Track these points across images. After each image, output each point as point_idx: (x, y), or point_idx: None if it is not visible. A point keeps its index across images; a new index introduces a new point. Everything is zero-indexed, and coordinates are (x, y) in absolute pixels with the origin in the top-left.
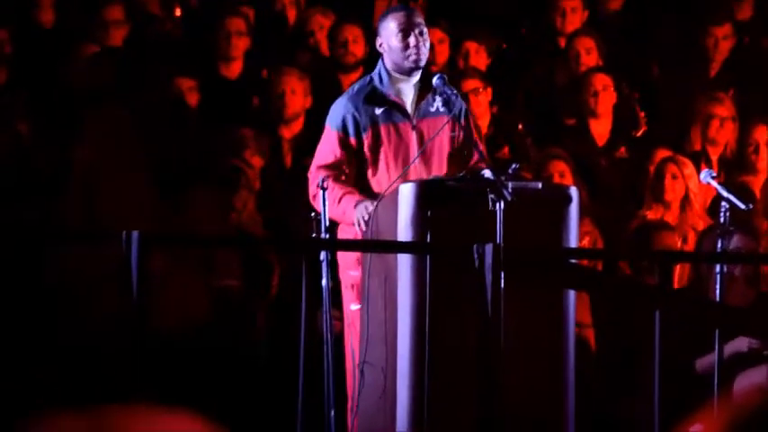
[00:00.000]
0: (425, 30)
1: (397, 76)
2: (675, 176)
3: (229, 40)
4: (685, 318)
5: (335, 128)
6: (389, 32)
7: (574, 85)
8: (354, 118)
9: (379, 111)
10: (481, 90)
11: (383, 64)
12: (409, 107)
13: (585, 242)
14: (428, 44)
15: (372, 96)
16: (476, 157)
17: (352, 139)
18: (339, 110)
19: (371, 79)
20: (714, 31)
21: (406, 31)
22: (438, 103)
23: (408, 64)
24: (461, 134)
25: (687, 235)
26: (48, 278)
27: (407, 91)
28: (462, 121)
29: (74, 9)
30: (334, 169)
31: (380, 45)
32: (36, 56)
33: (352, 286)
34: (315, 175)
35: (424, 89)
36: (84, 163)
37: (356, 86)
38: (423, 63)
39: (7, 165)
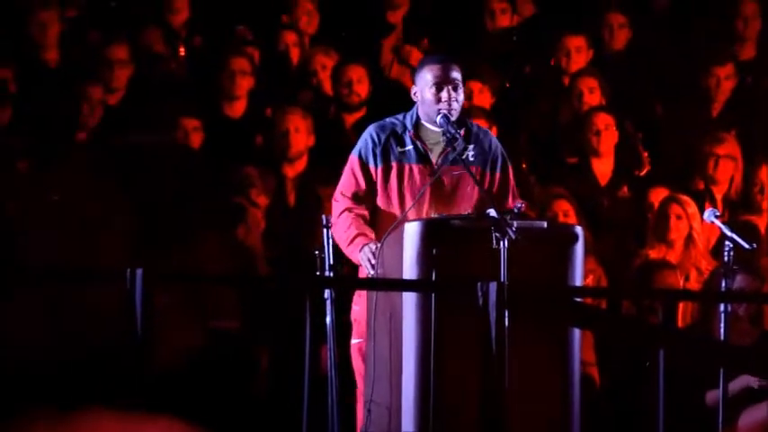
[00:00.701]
0: (460, 84)
1: (427, 125)
2: (680, 216)
3: (233, 79)
4: (689, 356)
5: (356, 153)
6: (424, 83)
7: (576, 124)
8: (374, 147)
9: (399, 149)
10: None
11: (416, 110)
12: (434, 155)
13: (590, 280)
14: (461, 98)
15: (398, 134)
16: (510, 203)
17: (371, 167)
18: (365, 136)
19: (404, 117)
20: (716, 71)
21: (439, 85)
22: (470, 152)
23: (439, 118)
24: (492, 181)
25: (690, 274)
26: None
27: (435, 139)
28: (496, 167)
29: (79, 48)
30: (354, 197)
31: (414, 94)
32: (40, 95)
33: (354, 321)
34: (336, 203)
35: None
36: (61, 203)
37: (388, 120)
38: (454, 118)
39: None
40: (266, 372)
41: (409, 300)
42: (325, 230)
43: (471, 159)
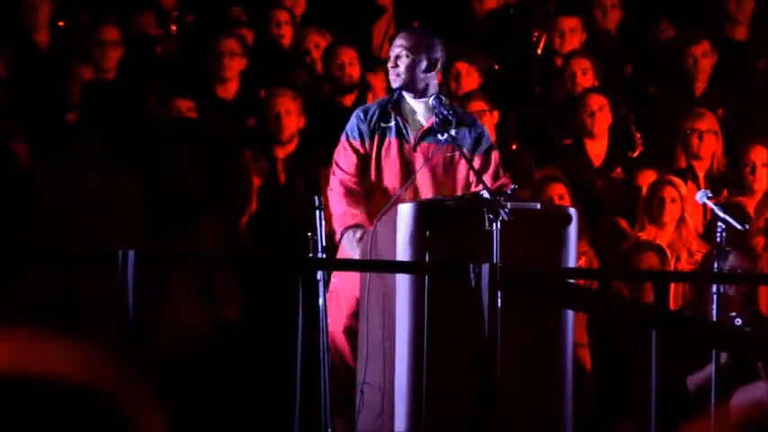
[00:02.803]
0: (403, 53)
1: (409, 99)
2: (674, 200)
3: (222, 60)
4: (681, 337)
5: (347, 132)
6: None
7: (570, 106)
8: (359, 123)
9: (383, 124)
10: (487, 112)
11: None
12: (412, 130)
13: (582, 262)
14: (403, 67)
15: (385, 110)
16: (478, 186)
17: (357, 143)
18: (353, 116)
19: (391, 95)
20: (692, 50)
21: (390, 58)
22: (453, 130)
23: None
24: (468, 160)
25: (681, 255)
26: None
27: (419, 112)
28: (476, 151)
29: (69, 30)
30: (346, 172)
31: None
32: (32, 77)
33: (331, 295)
34: (331, 181)
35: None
36: (73, 183)
37: (379, 99)
38: (396, 85)
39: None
40: (258, 353)
41: (402, 281)
42: (317, 212)
43: (452, 134)
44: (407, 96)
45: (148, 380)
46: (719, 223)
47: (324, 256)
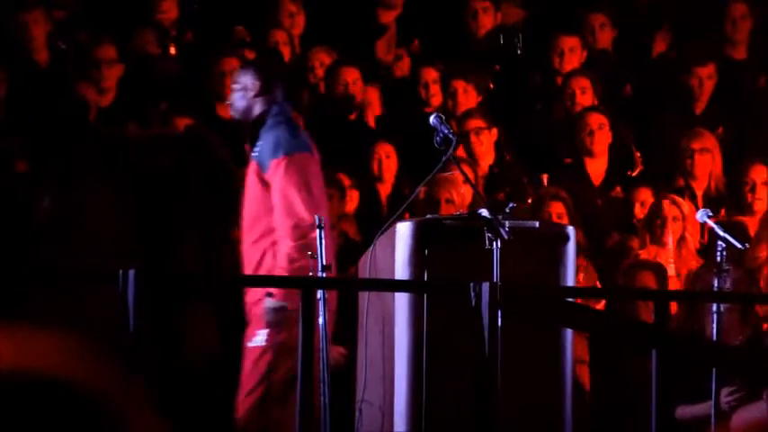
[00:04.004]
0: (236, 85)
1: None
2: (676, 218)
3: (223, 80)
4: (682, 357)
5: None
6: None
7: (570, 124)
8: None
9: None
10: (485, 130)
11: None
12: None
13: (580, 277)
14: (235, 97)
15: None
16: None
17: None
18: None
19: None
20: (698, 71)
21: None
22: (257, 148)
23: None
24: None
25: (681, 273)
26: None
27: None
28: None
29: (68, 49)
30: None
31: None
32: (32, 95)
33: (253, 316)
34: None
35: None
36: (65, 203)
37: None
38: (231, 112)
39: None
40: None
41: (401, 300)
42: (318, 231)
43: (256, 155)
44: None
45: (146, 385)
46: (719, 242)
47: (324, 275)
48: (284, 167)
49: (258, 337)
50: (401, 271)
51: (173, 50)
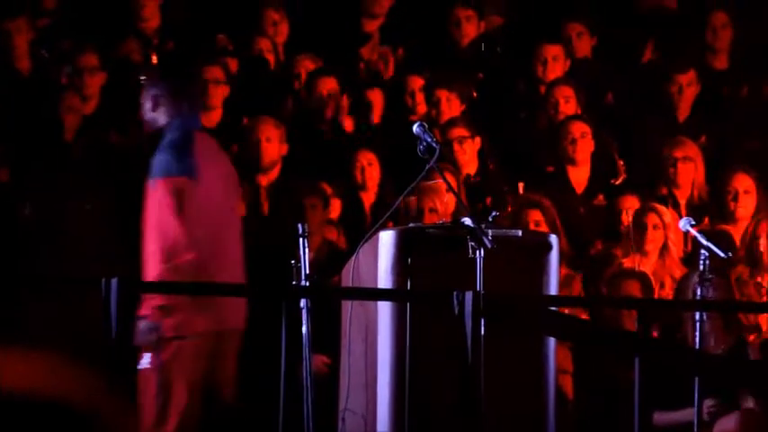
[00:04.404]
0: (146, 101)
1: None
2: (657, 227)
3: (207, 89)
4: (665, 365)
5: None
6: None
7: (552, 133)
8: None
9: None
10: (469, 139)
11: None
12: None
13: (565, 291)
14: (145, 109)
15: None
16: None
17: None
18: None
19: None
20: (678, 78)
21: None
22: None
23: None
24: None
25: (664, 282)
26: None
27: None
28: None
29: (50, 57)
30: None
31: None
32: (14, 103)
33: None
34: None
35: None
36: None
37: None
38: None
39: None
40: (241, 381)
41: (384, 309)
42: (301, 239)
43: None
44: None
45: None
46: (702, 251)
47: (307, 283)
48: (161, 189)
49: (144, 360)
50: (384, 279)
51: (154, 59)
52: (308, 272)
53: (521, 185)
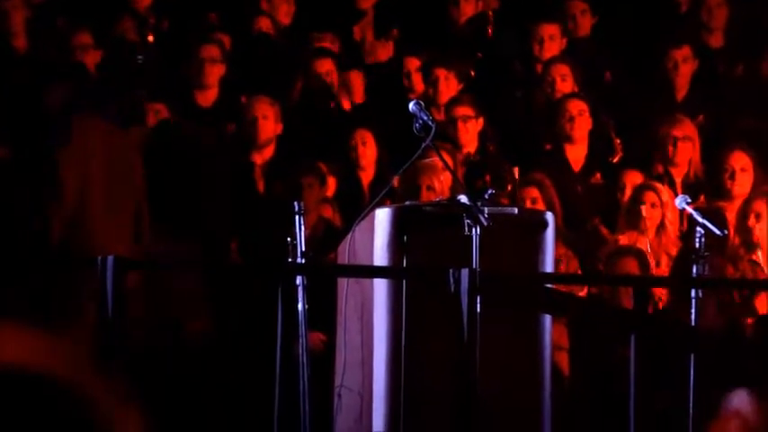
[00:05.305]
0: None
1: None
2: (654, 205)
3: (203, 67)
4: (661, 342)
5: None
6: None
7: (550, 111)
8: None
9: None
10: (473, 119)
11: None
12: None
13: (561, 268)
14: None
15: None
16: None
17: None
18: None
19: None
20: (673, 54)
21: None
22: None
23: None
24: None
25: (660, 260)
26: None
27: None
28: None
29: (46, 35)
30: None
31: None
32: (12, 81)
33: None
34: None
35: None
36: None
37: None
38: None
39: None
40: (237, 359)
41: (380, 286)
42: (297, 217)
43: None
44: None
45: (125, 378)
46: (698, 228)
47: (303, 261)
48: None
49: None
50: (380, 257)
51: (150, 38)
52: (303, 249)
53: (516, 170)
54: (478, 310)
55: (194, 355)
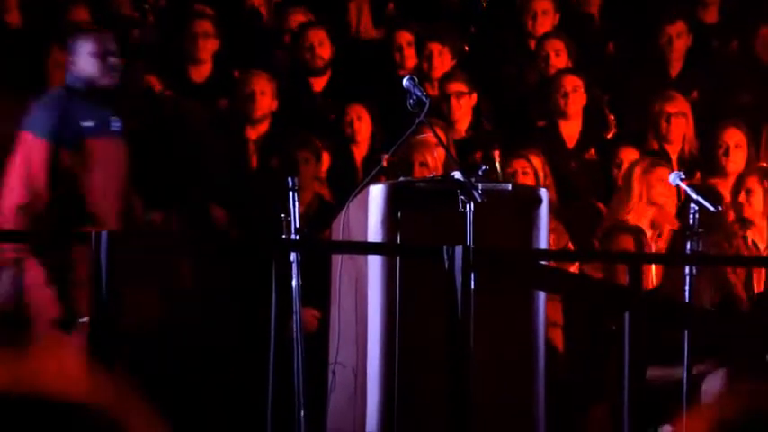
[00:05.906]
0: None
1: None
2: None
3: (197, 42)
4: (654, 319)
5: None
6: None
7: (544, 87)
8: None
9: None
10: (466, 95)
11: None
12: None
13: (551, 239)
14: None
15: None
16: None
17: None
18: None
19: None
20: (667, 29)
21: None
22: (117, 123)
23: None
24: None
25: (663, 233)
26: None
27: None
28: None
29: (40, 10)
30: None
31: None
32: (6, 56)
33: None
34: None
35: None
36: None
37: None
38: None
39: None
40: (230, 335)
41: (374, 263)
42: (291, 193)
43: (116, 130)
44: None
45: (141, 391)
46: (692, 205)
47: (297, 237)
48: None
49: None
50: (374, 233)
51: (151, 21)
52: (297, 226)
53: (496, 153)
54: (472, 286)
55: (187, 331)
